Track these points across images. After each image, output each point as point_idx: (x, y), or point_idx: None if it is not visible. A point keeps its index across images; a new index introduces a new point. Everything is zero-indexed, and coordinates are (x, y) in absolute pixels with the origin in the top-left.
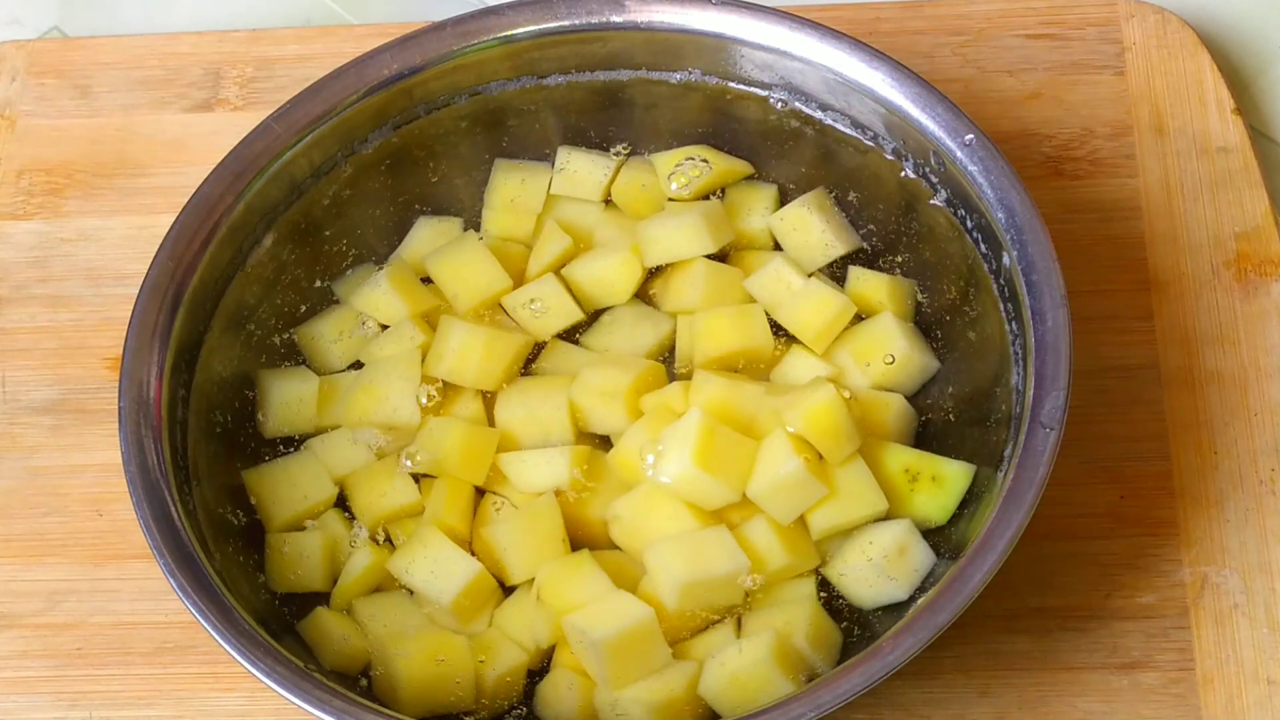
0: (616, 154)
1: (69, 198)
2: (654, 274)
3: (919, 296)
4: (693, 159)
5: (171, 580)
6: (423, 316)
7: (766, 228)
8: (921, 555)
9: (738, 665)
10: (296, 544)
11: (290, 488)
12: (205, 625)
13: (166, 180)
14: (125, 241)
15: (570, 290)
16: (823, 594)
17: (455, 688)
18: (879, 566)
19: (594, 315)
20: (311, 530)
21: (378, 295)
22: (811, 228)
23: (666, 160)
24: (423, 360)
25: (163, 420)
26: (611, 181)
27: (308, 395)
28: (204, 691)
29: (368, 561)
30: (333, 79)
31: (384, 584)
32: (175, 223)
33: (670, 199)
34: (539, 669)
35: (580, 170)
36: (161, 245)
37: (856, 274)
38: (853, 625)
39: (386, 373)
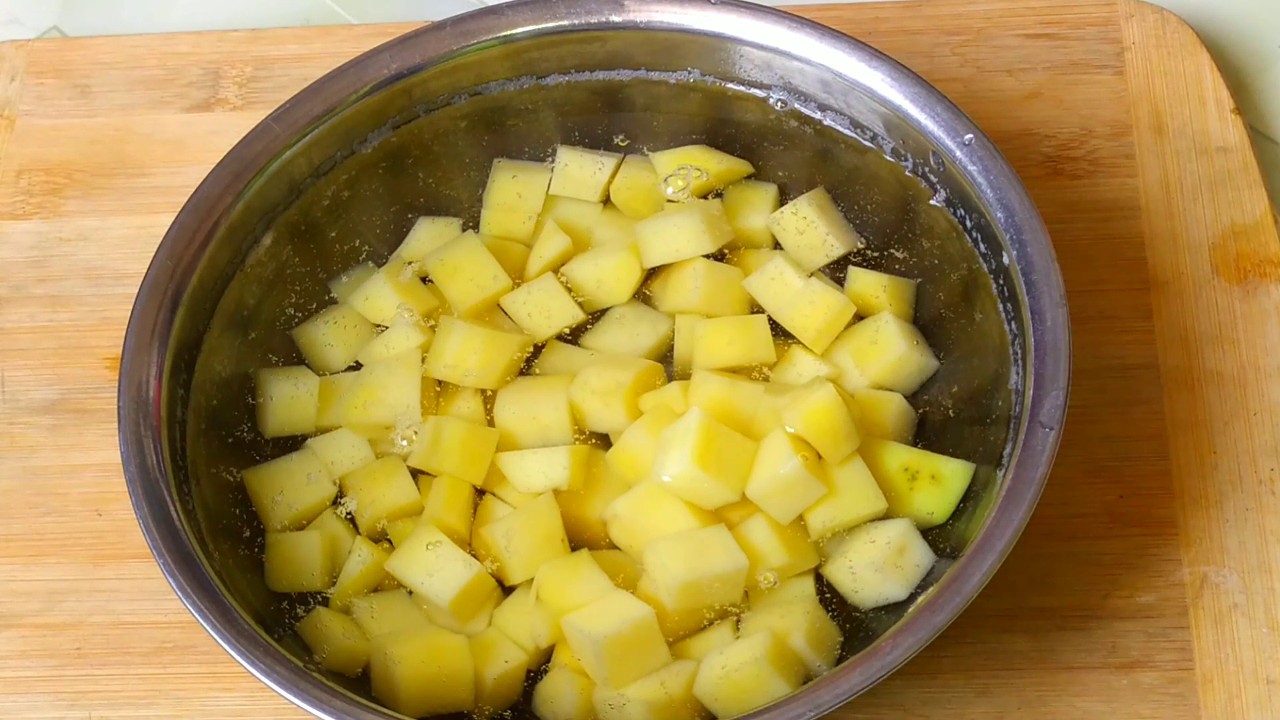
0: (615, 154)
1: (68, 197)
2: (653, 274)
3: (918, 296)
4: (686, 168)
5: (171, 580)
6: (423, 316)
7: (766, 227)
8: (921, 554)
9: (733, 665)
10: (296, 544)
11: (290, 488)
12: (204, 625)
13: (166, 180)
14: (124, 241)
15: (570, 291)
16: (822, 594)
17: (455, 688)
18: (878, 566)
19: (594, 315)
20: (311, 530)
21: (377, 295)
22: (811, 227)
23: (664, 163)
24: (423, 360)
25: (162, 420)
26: (610, 182)
27: (308, 395)
28: (203, 691)
29: (367, 561)
30: (332, 79)
31: (383, 584)
32: (174, 223)
33: (668, 202)
34: (538, 669)
35: (579, 170)
36: (161, 245)
37: (856, 274)
38: (852, 625)
39: (386, 373)
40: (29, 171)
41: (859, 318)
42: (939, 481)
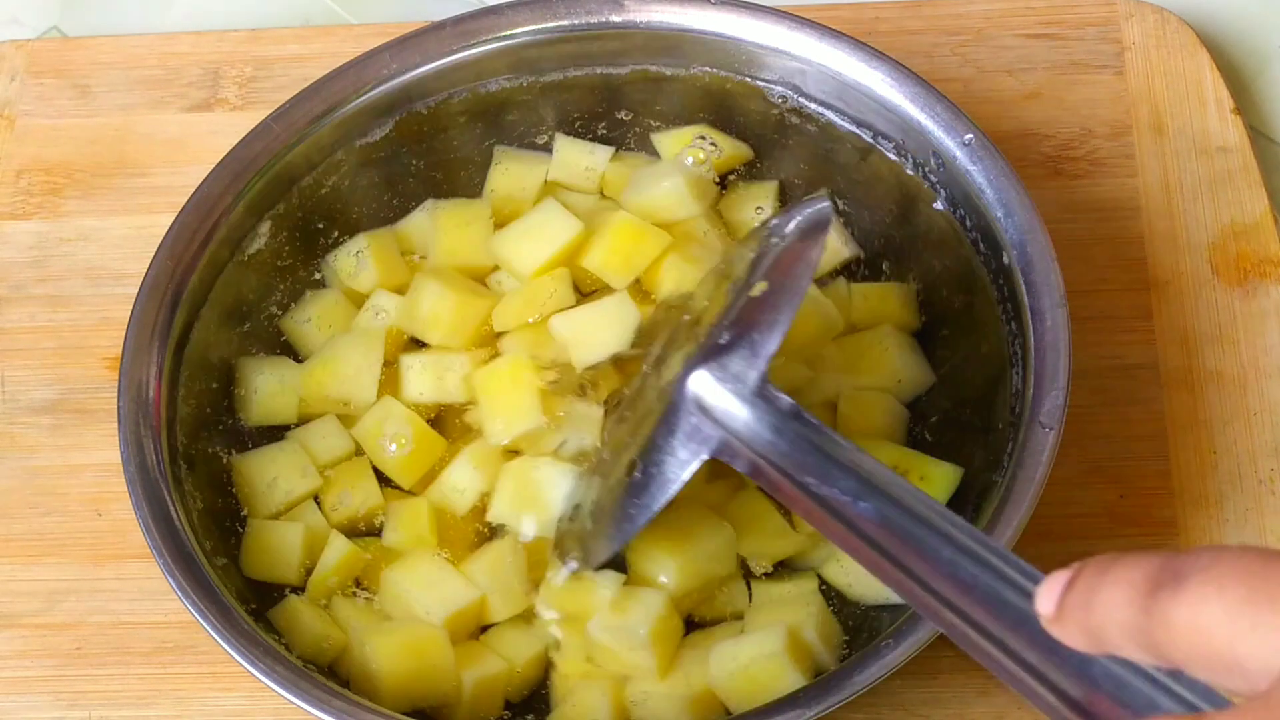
0: (612, 146)
1: (68, 197)
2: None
3: (917, 296)
4: (704, 138)
5: (171, 580)
6: (397, 290)
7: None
8: None
9: (750, 658)
10: (273, 533)
11: (274, 478)
12: (204, 625)
13: (165, 180)
14: (124, 241)
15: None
16: (823, 591)
17: (436, 680)
18: None
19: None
20: (288, 521)
21: (354, 263)
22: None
23: (667, 144)
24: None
25: (162, 420)
26: (606, 170)
27: (289, 384)
28: (203, 691)
29: (341, 555)
30: (332, 79)
31: (362, 577)
32: (174, 222)
33: None
34: (537, 672)
35: (576, 160)
36: (160, 245)
37: (857, 288)
38: (853, 623)
39: (347, 348)
40: (29, 171)
41: (857, 329)
42: (927, 482)
